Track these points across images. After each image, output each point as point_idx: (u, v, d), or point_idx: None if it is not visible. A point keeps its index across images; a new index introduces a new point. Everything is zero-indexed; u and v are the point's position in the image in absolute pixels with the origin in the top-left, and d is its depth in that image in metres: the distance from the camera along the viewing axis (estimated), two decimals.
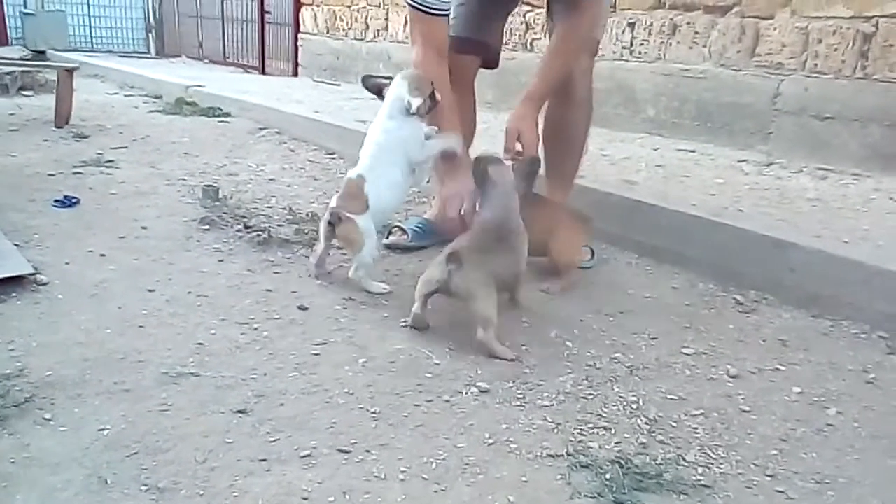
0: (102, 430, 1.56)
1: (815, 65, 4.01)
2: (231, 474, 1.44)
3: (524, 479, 1.48)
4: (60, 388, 1.71)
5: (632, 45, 4.97)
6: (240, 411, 1.66)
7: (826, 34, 3.95)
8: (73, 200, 3.21)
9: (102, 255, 2.60)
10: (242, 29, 10.76)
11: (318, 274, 2.50)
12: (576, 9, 2.58)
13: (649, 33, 4.86)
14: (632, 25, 4.94)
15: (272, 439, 1.57)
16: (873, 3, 3.75)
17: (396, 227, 2.90)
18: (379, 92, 2.55)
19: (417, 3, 2.47)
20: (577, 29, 2.61)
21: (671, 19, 4.72)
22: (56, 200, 3.19)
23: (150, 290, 2.33)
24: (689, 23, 4.63)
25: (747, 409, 1.81)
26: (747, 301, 2.50)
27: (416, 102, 2.40)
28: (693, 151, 4.35)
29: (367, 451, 1.54)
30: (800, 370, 2.04)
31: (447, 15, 2.54)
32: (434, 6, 2.48)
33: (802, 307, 2.45)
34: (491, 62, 2.93)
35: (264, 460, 1.49)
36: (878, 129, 3.77)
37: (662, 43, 4.79)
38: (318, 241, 2.51)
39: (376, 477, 1.46)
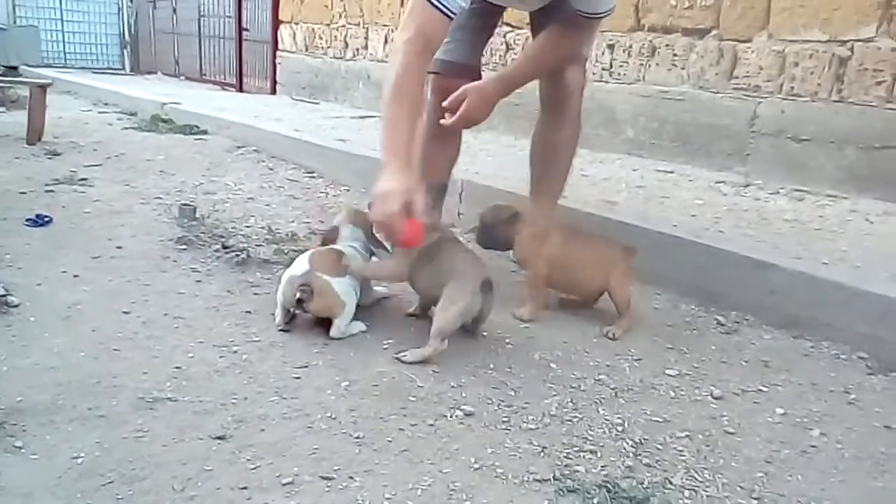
0: (76, 457, 1.52)
1: (792, 87, 4.05)
2: (211, 503, 1.40)
3: None
4: (32, 415, 1.67)
5: (611, 66, 4.99)
6: (219, 437, 1.63)
7: (802, 57, 3.99)
8: (46, 219, 3.16)
9: (76, 276, 2.56)
10: (219, 46, 10.70)
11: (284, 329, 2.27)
12: (573, 25, 2.56)
13: (628, 55, 4.89)
14: (611, 47, 4.97)
15: (253, 466, 1.53)
16: (848, 27, 3.80)
17: None
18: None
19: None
20: (570, 36, 2.60)
21: (650, 41, 4.75)
22: (28, 219, 3.14)
23: (125, 312, 2.28)
24: (667, 45, 4.66)
25: (732, 430, 1.80)
26: (728, 322, 2.51)
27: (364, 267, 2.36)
28: (672, 172, 4.37)
29: (351, 478, 1.51)
30: (782, 391, 2.04)
31: (452, 17, 2.30)
32: (448, 7, 2.24)
33: (783, 328, 2.45)
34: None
35: (245, 488, 1.45)
36: (854, 152, 3.80)
37: (641, 65, 4.83)
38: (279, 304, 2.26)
39: None
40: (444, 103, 2.60)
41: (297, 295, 2.14)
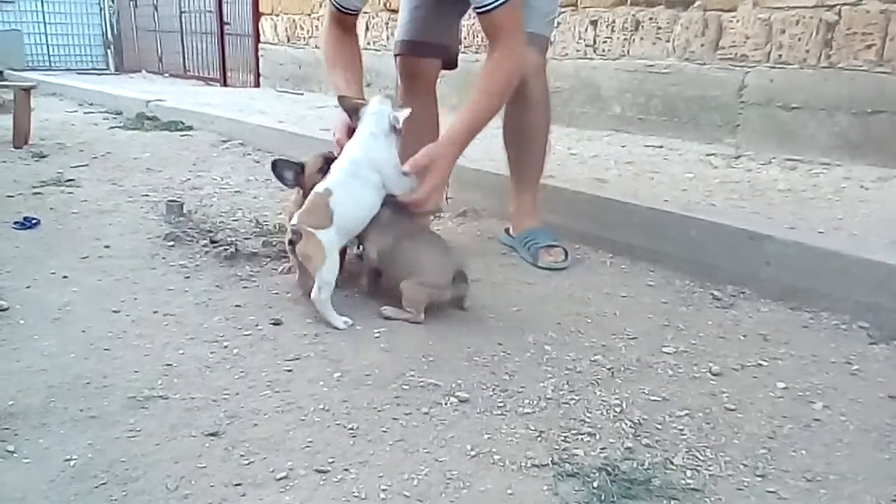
0: (69, 460, 1.50)
1: (780, 55, 4.02)
2: (205, 501, 1.38)
3: (510, 491, 1.43)
4: (24, 418, 1.64)
5: (595, 42, 4.95)
6: (212, 434, 1.60)
7: (789, 24, 3.96)
8: (34, 221, 3.13)
9: (65, 277, 2.53)
10: (202, 41, 10.64)
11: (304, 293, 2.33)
12: (495, 45, 2.47)
13: (612, 30, 4.85)
14: (594, 23, 4.93)
15: (246, 462, 1.50)
16: None
17: None
18: (355, 111, 2.38)
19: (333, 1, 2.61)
20: (500, 68, 2.47)
21: (633, 15, 4.71)
22: (16, 222, 3.11)
23: (114, 311, 2.26)
24: (651, 18, 4.62)
25: (732, 407, 1.77)
26: (725, 296, 2.48)
27: (403, 115, 2.30)
28: (661, 147, 4.34)
29: (346, 470, 1.49)
30: (782, 365, 2.01)
31: (355, 14, 2.66)
32: (346, 8, 2.61)
33: (780, 300, 2.43)
34: (450, 64, 2.92)
35: (239, 485, 1.43)
36: (845, 118, 3.77)
37: (626, 39, 4.79)
38: (292, 264, 2.43)
39: (356, 497, 1.40)
40: (404, 167, 2.30)
41: (290, 237, 2.22)
